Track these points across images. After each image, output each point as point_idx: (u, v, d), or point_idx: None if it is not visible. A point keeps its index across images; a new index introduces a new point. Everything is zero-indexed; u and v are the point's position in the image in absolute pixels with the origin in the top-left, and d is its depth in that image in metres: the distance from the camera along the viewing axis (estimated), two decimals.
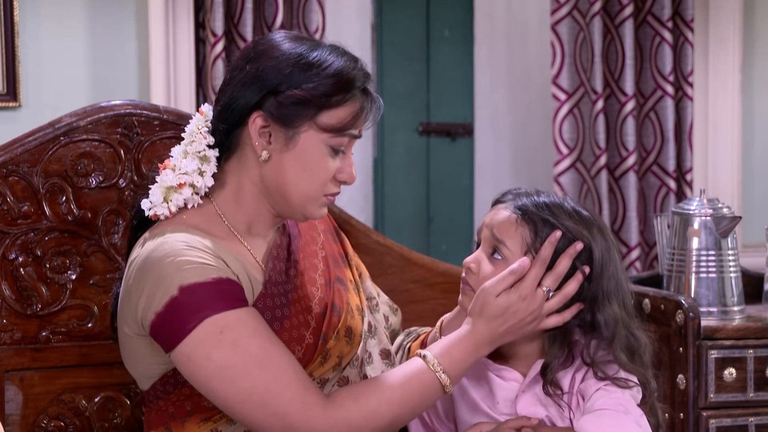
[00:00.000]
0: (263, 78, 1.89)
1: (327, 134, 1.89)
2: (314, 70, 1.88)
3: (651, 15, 3.66)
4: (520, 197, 1.89)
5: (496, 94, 4.47)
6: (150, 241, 1.91)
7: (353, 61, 1.92)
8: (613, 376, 1.84)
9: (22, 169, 2.15)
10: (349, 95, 1.89)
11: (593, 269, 1.85)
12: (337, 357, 1.99)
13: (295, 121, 1.89)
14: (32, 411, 2.16)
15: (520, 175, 4.33)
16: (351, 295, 2.08)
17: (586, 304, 1.85)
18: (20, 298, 2.14)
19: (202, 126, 1.96)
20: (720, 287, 2.84)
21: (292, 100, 1.88)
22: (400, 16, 4.89)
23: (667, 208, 3.60)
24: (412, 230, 4.96)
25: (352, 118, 1.90)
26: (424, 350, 1.89)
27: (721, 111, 3.76)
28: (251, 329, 1.84)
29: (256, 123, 1.90)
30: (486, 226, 1.90)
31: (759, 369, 2.75)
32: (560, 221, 1.85)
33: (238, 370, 1.82)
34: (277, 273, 1.96)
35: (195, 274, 1.84)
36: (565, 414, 1.85)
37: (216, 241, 1.92)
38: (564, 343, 1.85)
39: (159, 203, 1.94)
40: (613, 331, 1.84)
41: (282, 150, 1.90)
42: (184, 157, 1.95)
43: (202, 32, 3.46)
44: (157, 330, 1.86)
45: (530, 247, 1.84)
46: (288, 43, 1.92)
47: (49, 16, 3.34)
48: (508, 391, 1.89)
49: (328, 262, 2.07)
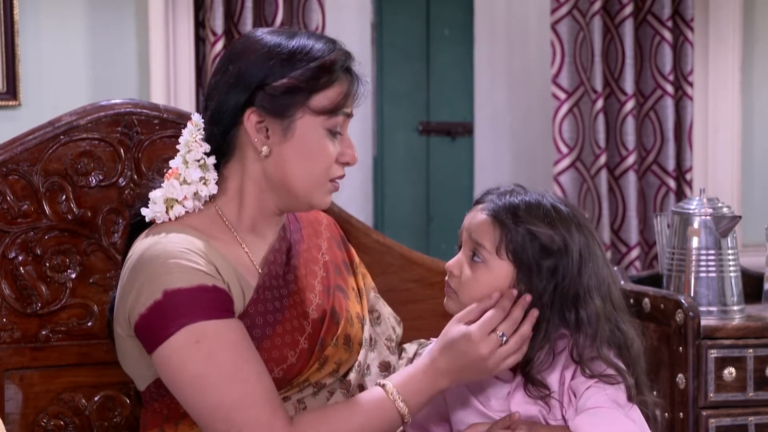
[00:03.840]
0: (248, 75, 1.90)
1: (322, 117, 1.91)
2: (297, 57, 1.90)
3: (651, 14, 3.66)
4: (499, 197, 1.90)
5: (496, 94, 4.47)
6: (146, 239, 1.91)
7: (332, 42, 1.94)
8: (601, 374, 1.83)
9: (22, 168, 2.15)
10: (334, 75, 1.91)
11: (571, 268, 1.85)
12: (335, 363, 1.99)
13: (289, 110, 1.90)
14: (32, 410, 2.16)
15: (520, 174, 4.33)
16: (351, 303, 2.07)
17: (568, 302, 1.85)
18: (20, 297, 2.14)
19: (195, 134, 1.96)
20: (720, 287, 2.84)
21: (281, 90, 1.89)
22: (400, 16, 4.90)
23: (666, 208, 3.60)
24: (411, 230, 4.96)
25: (342, 97, 1.92)
26: (385, 379, 1.91)
27: (721, 110, 3.76)
28: (229, 342, 1.84)
29: (251, 119, 1.91)
30: (465, 230, 1.91)
31: (759, 368, 2.75)
32: (532, 223, 1.84)
33: (210, 381, 1.82)
34: (272, 278, 1.96)
35: (182, 278, 1.84)
36: (556, 412, 1.85)
37: (213, 243, 1.92)
38: (544, 341, 1.85)
39: (161, 212, 1.94)
40: (595, 328, 1.84)
41: (281, 142, 1.91)
42: (185, 166, 1.95)
43: (202, 31, 3.46)
44: (140, 331, 1.87)
45: (497, 248, 1.85)
46: (267, 37, 1.94)
47: (49, 15, 3.34)
48: (500, 389, 1.89)
49: (329, 268, 2.07)
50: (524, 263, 1.84)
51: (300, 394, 1.95)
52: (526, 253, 1.84)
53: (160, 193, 1.95)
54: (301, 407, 1.94)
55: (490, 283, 1.86)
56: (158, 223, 1.95)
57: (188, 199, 1.94)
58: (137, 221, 1.99)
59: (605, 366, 1.84)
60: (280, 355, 1.92)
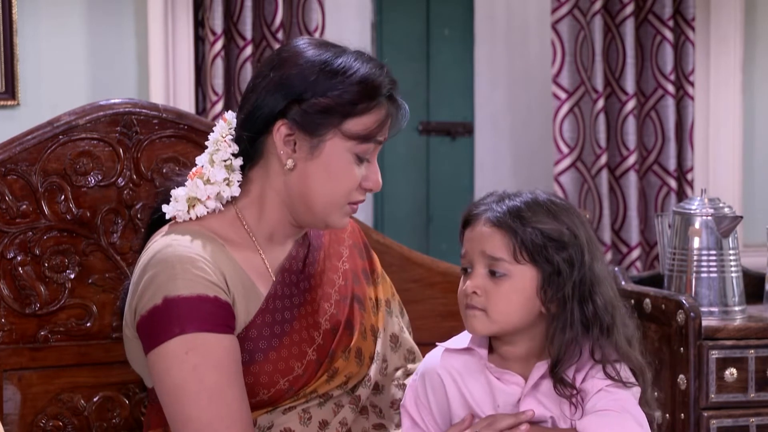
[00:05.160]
0: (287, 85, 1.87)
1: (352, 142, 1.88)
2: (339, 77, 1.86)
3: (652, 14, 3.65)
4: (497, 204, 1.86)
5: (496, 93, 4.47)
6: (162, 238, 1.90)
7: (379, 67, 1.90)
8: (620, 376, 1.82)
9: (21, 167, 2.14)
10: (374, 102, 1.88)
11: (583, 254, 1.83)
12: (345, 376, 1.97)
13: (320, 129, 1.87)
14: (30, 410, 2.15)
15: (520, 174, 4.33)
16: (367, 315, 2.05)
17: (586, 292, 1.83)
18: (19, 298, 2.14)
19: (226, 134, 1.94)
20: (721, 287, 2.84)
21: (317, 108, 1.86)
22: (400, 15, 4.89)
23: (667, 208, 3.59)
24: (411, 229, 4.96)
25: (377, 126, 1.89)
26: None
27: (723, 110, 3.75)
28: (216, 359, 1.83)
29: (281, 131, 1.88)
30: (472, 249, 1.86)
31: (760, 369, 2.74)
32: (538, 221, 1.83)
33: (188, 394, 1.82)
34: (285, 286, 1.95)
35: (184, 286, 1.83)
36: (568, 414, 1.84)
37: (229, 248, 1.91)
38: (571, 336, 1.83)
39: (183, 211, 1.93)
40: (612, 315, 1.83)
41: (307, 158, 1.89)
42: (211, 165, 1.93)
43: (202, 30, 3.45)
44: (139, 331, 1.88)
45: (514, 254, 1.82)
46: (312, 50, 1.90)
47: (47, 15, 3.34)
48: (509, 395, 1.87)
49: (347, 276, 2.05)
50: (544, 262, 1.83)
51: (306, 404, 1.94)
52: (542, 252, 1.82)
53: (183, 191, 1.94)
54: (306, 417, 1.93)
55: (518, 293, 1.83)
56: (179, 221, 1.94)
57: (211, 199, 1.93)
58: (157, 218, 1.99)
59: (624, 368, 1.83)
60: (287, 366, 1.91)
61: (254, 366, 1.88)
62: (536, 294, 1.82)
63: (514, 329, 1.84)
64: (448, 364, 1.89)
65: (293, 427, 1.91)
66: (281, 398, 1.90)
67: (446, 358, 1.90)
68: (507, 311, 1.83)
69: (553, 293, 1.82)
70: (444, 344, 1.92)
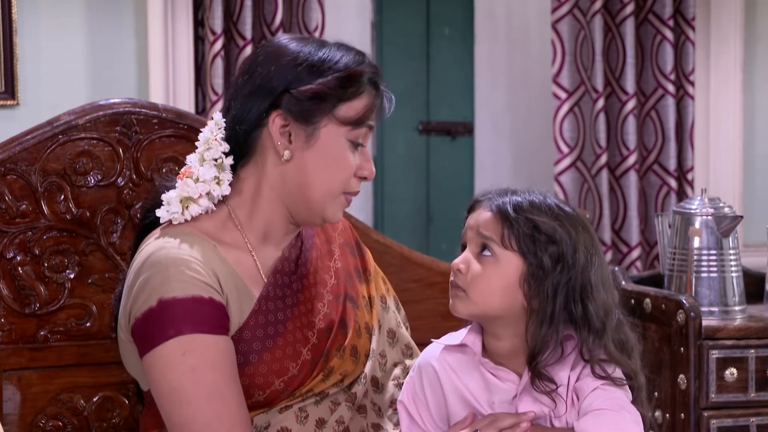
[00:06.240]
0: (277, 78, 1.90)
1: (346, 127, 1.90)
2: (326, 65, 1.90)
3: (652, 13, 3.65)
4: (501, 195, 1.89)
5: (497, 93, 4.47)
6: (155, 241, 1.90)
7: (360, 55, 1.94)
8: (610, 375, 1.83)
9: (21, 167, 2.14)
10: (362, 87, 1.91)
11: (577, 259, 1.84)
12: (340, 375, 1.97)
13: (315, 117, 1.89)
14: (30, 410, 2.15)
15: (520, 174, 4.33)
16: (361, 313, 2.06)
17: (575, 294, 1.84)
18: (18, 297, 2.13)
19: (216, 133, 1.94)
20: (721, 287, 2.84)
21: (309, 95, 1.88)
22: (400, 14, 4.89)
23: (668, 208, 3.59)
24: (411, 229, 4.96)
25: (368, 110, 1.92)
26: None
27: (723, 110, 3.75)
28: (213, 361, 1.83)
29: (276, 122, 1.90)
30: (470, 228, 1.89)
31: (760, 369, 2.74)
32: (534, 214, 1.84)
33: (186, 396, 1.82)
34: (277, 287, 1.95)
35: (178, 288, 1.83)
36: (560, 410, 1.84)
37: (221, 249, 1.91)
38: (551, 332, 1.83)
39: (178, 213, 1.93)
40: (603, 321, 1.84)
41: (303, 148, 1.90)
42: (200, 164, 1.94)
43: (201, 30, 3.45)
44: (134, 334, 1.88)
45: (502, 239, 1.84)
46: (294, 44, 1.93)
47: (47, 14, 3.34)
48: (505, 392, 1.88)
49: (340, 275, 2.05)
50: (529, 252, 1.83)
51: (302, 403, 1.94)
52: (529, 243, 1.84)
53: (175, 193, 1.94)
54: (303, 415, 1.93)
55: (499, 277, 1.85)
56: (170, 224, 1.94)
57: (203, 197, 1.93)
58: (149, 221, 1.98)
59: (614, 367, 1.83)
60: (281, 367, 1.90)
61: (249, 367, 1.88)
62: (519, 284, 1.83)
63: (494, 315, 1.85)
64: (443, 360, 1.91)
65: (290, 426, 1.91)
66: (277, 398, 1.90)
67: (441, 354, 1.91)
68: (486, 293, 1.84)
69: (535, 288, 1.83)
70: (439, 341, 1.93)
